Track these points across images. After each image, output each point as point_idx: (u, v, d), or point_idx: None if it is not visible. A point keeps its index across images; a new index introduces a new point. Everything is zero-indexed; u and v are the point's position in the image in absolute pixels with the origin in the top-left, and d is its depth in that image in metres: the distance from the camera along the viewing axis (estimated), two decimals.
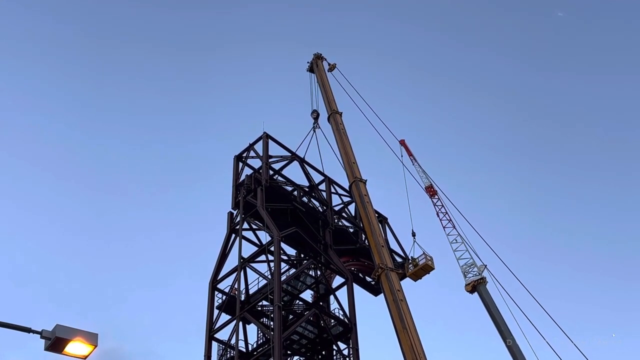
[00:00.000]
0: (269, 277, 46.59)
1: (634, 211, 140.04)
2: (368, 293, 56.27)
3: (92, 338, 17.23)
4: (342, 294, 49.60)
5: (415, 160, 73.73)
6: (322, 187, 56.57)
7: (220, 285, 48.73)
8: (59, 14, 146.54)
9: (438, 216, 71.04)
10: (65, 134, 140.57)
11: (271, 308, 44.87)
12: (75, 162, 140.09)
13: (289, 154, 55.74)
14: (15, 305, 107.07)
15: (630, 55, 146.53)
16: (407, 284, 53.67)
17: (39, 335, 17.18)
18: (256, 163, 53.86)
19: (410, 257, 57.29)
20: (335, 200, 56.71)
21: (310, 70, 66.47)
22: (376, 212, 53.25)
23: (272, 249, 47.24)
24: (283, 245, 49.00)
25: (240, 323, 45.79)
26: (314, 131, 60.93)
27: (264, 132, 54.56)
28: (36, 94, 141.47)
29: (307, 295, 51.67)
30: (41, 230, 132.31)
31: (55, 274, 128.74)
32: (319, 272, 50.85)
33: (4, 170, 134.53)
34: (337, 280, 51.97)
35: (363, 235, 53.97)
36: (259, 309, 46.99)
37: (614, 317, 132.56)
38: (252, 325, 47.12)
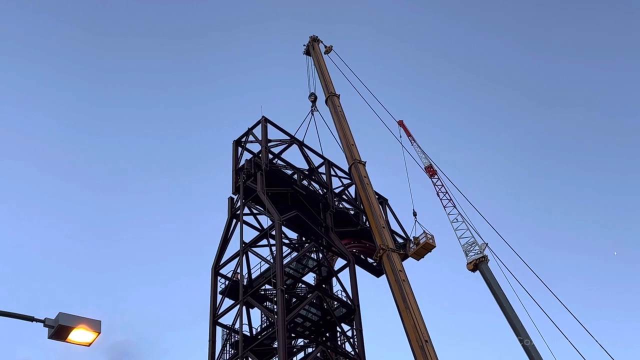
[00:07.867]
0: (271, 261, 46.69)
1: (637, 194, 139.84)
2: (370, 274, 56.42)
3: (95, 325, 17.21)
4: (345, 276, 49.81)
5: (414, 141, 73.61)
6: (322, 170, 56.53)
7: (223, 271, 48.82)
8: (51, 9, 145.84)
9: (438, 196, 71.07)
10: (62, 127, 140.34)
11: (274, 292, 44.95)
12: (74, 154, 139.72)
13: (288, 138, 55.61)
14: (18, 301, 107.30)
15: (629, 42, 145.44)
16: (408, 264, 53.83)
17: (42, 325, 17.14)
18: (255, 147, 53.81)
19: (412, 237, 57.38)
20: (335, 182, 56.76)
21: (307, 53, 66.12)
22: (376, 193, 53.21)
23: (273, 233, 47.28)
24: (284, 229, 49.03)
25: (244, 307, 45.98)
26: (312, 114, 60.78)
27: (263, 116, 54.41)
28: (29, 89, 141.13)
29: (310, 278, 51.87)
30: (39, 225, 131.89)
31: (58, 271, 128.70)
32: (320, 255, 50.95)
33: (4, 166, 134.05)
34: (339, 262, 52.10)
35: (364, 217, 53.98)
36: (262, 293, 47.09)
37: (616, 299, 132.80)
38: (255, 309, 47.25)
